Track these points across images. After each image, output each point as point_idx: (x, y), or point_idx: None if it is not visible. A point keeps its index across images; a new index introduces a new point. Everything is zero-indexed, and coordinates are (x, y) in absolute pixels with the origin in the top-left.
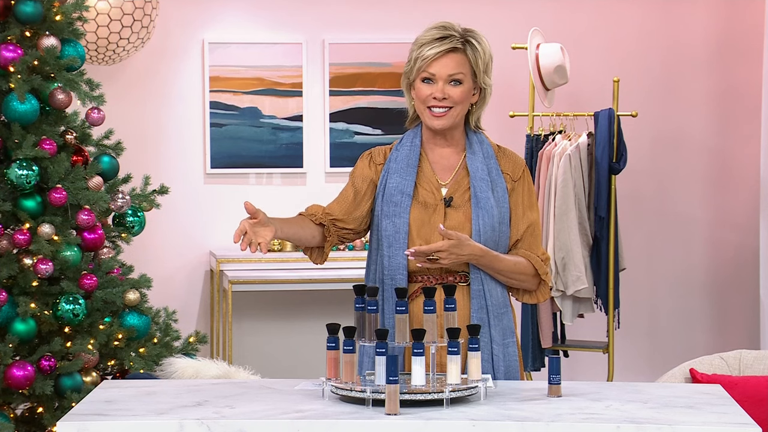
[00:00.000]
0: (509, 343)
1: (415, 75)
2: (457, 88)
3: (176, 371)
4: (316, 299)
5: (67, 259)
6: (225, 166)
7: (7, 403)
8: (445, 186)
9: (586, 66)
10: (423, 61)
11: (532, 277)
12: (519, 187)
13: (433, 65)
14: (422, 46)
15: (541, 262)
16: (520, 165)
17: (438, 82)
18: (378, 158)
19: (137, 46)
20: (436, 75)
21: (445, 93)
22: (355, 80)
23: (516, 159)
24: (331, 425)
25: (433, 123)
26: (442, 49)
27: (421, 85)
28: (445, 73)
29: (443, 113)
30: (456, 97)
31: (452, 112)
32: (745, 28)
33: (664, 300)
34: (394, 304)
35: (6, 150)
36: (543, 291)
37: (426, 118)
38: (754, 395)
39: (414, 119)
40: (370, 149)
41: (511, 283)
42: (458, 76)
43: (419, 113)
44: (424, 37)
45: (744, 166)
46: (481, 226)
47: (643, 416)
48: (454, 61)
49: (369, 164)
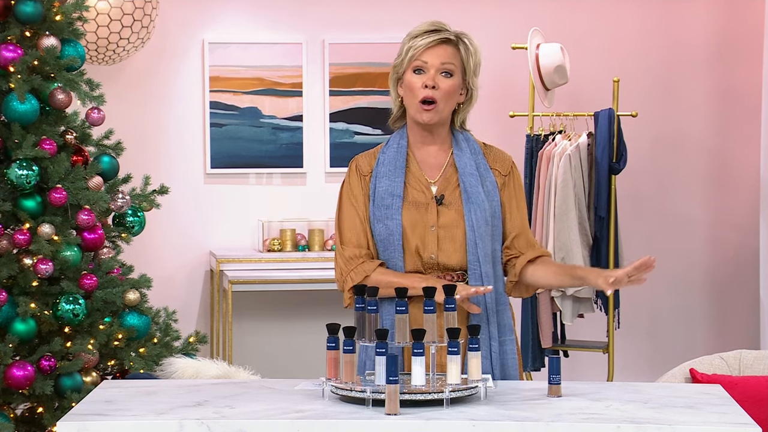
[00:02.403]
0: (506, 341)
1: (407, 66)
2: (447, 80)
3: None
4: (316, 299)
5: (67, 259)
6: (225, 166)
7: (7, 403)
8: (434, 184)
9: (586, 66)
10: (416, 50)
11: None
12: (510, 182)
13: (425, 54)
14: (414, 38)
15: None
16: (508, 160)
17: (430, 71)
18: (364, 169)
19: (137, 46)
20: (429, 63)
21: (435, 81)
22: (355, 80)
23: (503, 155)
24: (331, 425)
25: (423, 117)
26: (435, 39)
27: (412, 76)
28: (437, 61)
29: (431, 107)
30: (446, 88)
31: (439, 106)
32: (745, 28)
33: (664, 300)
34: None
35: (6, 150)
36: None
37: (415, 112)
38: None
39: (398, 118)
40: (356, 158)
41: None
42: (450, 66)
43: (408, 107)
44: (416, 30)
45: (744, 166)
46: (474, 220)
47: (643, 416)
48: (447, 51)
49: (360, 180)
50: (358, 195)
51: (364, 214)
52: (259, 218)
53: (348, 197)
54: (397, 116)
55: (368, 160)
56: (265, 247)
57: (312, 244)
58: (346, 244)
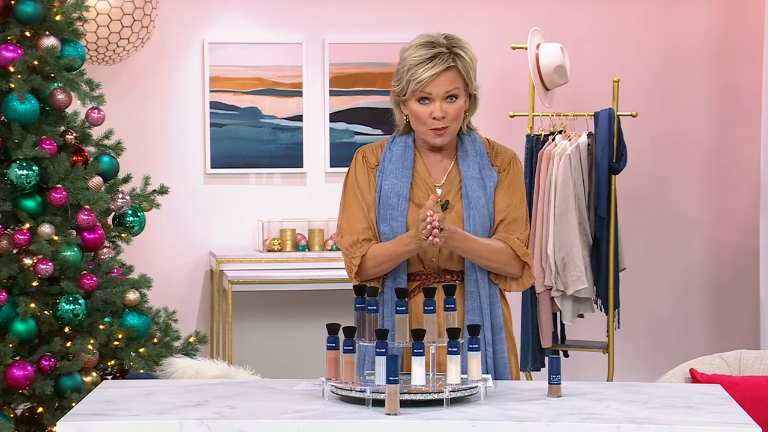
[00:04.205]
0: (498, 341)
1: (410, 96)
2: (453, 105)
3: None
4: (316, 299)
5: (67, 259)
6: (225, 166)
7: (7, 403)
8: (440, 187)
9: (586, 66)
10: (418, 83)
11: (513, 260)
12: (504, 176)
13: (429, 86)
14: (413, 68)
15: (519, 242)
16: (509, 155)
17: (435, 101)
18: (371, 160)
19: (137, 46)
20: (433, 94)
21: (443, 111)
22: (355, 80)
23: (505, 151)
24: (331, 425)
25: (435, 141)
26: (436, 71)
27: (417, 105)
28: (441, 91)
29: (443, 131)
30: (453, 112)
31: (451, 128)
32: (745, 28)
33: (664, 300)
34: (393, 306)
35: (6, 150)
36: (528, 275)
37: (425, 136)
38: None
39: (405, 130)
40: (362, 149)
41: (493, 267)
42: (454, 92)
43: (416, 130)
44: (412, 57)
45: (744, 167)
46: (472, 226)
47: (643, 416)
48: (449, 78)
49: (366, 170)
50: (363, 185)
51: (370, 203)
52: (259, 218)
53: (353, 189)
54: (404, 131)
55: (375, 152)
56: (265, 247)
57: (312, 244)
58: (346, 234)
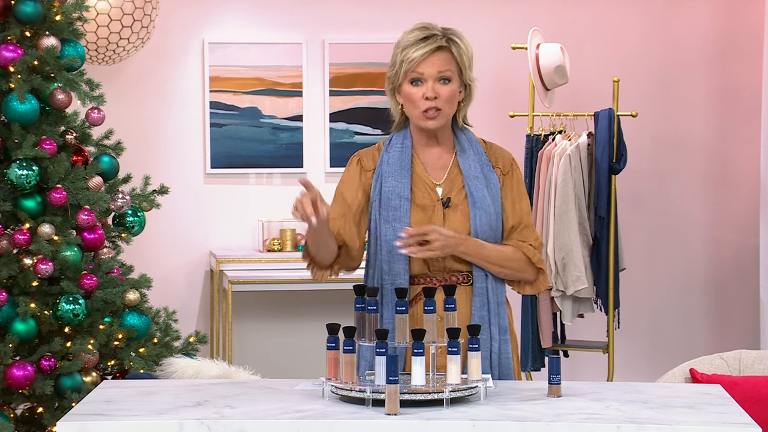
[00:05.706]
0: (503, 341)
1: (402, 78)
2: (446, 87)
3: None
4: (316, 299)
5: (67, 259)
6: (225, 166)
7: (7, 403)
8: (440, 186)
9: (586, 66)
10: (410, 63)
11: (527, 265)
12: (508, 181)
13: (421, 65)
14: (406, 49)
15: (533, 248)
16: (509, 158)
17: (428, 81)
18: (368, 164)
19: (137, 46)
20: (425, 74)
21: (435, 91)
22: (355, 80)
23: (503, 152)
24: (331, 425)
25: (427, 124)
26: (428, 49)
27: (409, 87)
28: (434, 71)
29: (435, 114)
30: (446, 94)
31: (444, 111)
32: (745, 28)
33: (664, 300)
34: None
35: (6, 150)
36: (542, 280)
37: (419, 120)
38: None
39: (400, 123)
40: (358, 153)
41: (505, 274)
42: (447, 73)
43: (410, 116)
44: (406, 39)
45: (744, 166)
46: (478, 225)
47: (643, 416)
48: (441, 59)
49: (360, 173)
50: (351, 187)
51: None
52: (259, 218)
53: (338, 190)
54: (399, 123)
55: (371, 155)
56: (265, 247)
57: None
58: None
